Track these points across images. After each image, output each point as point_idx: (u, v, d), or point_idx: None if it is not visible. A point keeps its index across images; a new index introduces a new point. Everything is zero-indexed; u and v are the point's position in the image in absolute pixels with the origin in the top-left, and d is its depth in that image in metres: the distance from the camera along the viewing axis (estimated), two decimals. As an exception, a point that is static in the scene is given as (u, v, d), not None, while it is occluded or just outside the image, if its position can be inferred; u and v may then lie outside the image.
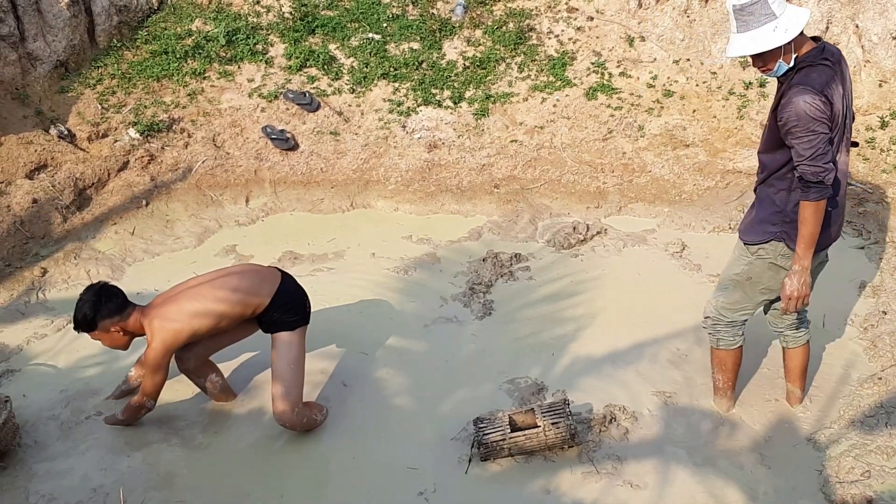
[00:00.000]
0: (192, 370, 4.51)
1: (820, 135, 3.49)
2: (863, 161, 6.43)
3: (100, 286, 4.17)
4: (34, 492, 4.08)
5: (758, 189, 3.95)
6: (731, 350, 4.25)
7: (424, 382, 4.81)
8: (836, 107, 3.54)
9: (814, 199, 3.57)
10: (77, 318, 4.13)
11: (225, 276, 4.29)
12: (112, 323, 4.12)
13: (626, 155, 6.88)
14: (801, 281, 3.72)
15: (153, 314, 4.12)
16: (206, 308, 4.12)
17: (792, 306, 3.76)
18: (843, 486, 3.90)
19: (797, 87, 3.50)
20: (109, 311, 4.11)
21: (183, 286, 4.28)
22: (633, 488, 4.01)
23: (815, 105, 3.45)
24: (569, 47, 7.81)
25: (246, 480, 4.18)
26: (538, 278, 5.70)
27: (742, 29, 3.54)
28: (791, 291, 3.73)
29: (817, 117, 3.46)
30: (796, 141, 3.52)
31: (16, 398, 4.61)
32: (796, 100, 3.47)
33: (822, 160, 3.50)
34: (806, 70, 3.54)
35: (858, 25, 7.06)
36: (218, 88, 7.49)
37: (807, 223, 3.63)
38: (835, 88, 3.53)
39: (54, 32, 7.24)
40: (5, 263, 5.78)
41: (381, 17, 8.17)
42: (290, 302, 4.31)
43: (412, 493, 4.06)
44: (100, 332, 4.15)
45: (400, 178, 6.86)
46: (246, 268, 4.47)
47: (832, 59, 3.57)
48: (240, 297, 4.18)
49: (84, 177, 6.53)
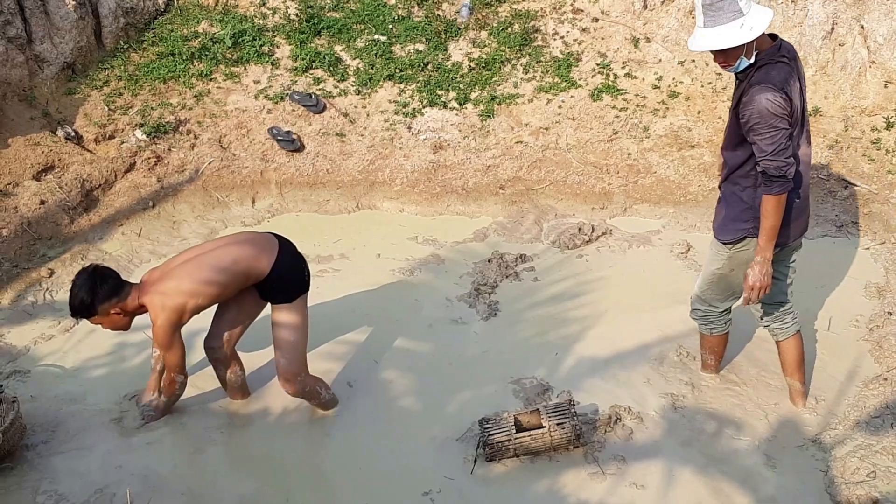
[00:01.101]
0: (222, 359, 4.46)
1: (781, 130, 3.61)
2: (868, 162, 6.42)
3: (92, 268, 4.02)
4: (42, 492, 4.09)
5: (723, 186, 4.07)
6: (723, 335, 4.49)
7: (430, 383, 4.82)
8: (795, 102, 3.66)
9: (776, 193, 3.71)
10: (74, 305, 3.98)
11: (224, 247, 4.15)
12: (111, 305, 3.99)
13: (631, 156, 6.88)
14: (762, 272, 3.85)
15: (152, 290, 4.00)
16: (207, 279, 4.01)
17: (754, 296, 3.90)
18: (848, 487, 3.89)
19: (759, 85, 3.61)
20: (107, 293, 3.97)
21: (180, 258, 4.16)
22: (639, 489, 4.02)
23: (777, 102, 3.56)
24: (574, 48, 7.82)
25: (252, 480, 4.19)
26: (543, 279, 5.70)
27: (709, 24, 3.61)
28: (753, 282, 3.86)
29: (779, 114, 3.58)
30: (758, 137, 3.64)
31: (23, 399, 4.63)
32: (758, 97, 3.58)
33: (784, 155, 3.63)
34: (766, 67, 3.65)
35: (864, 26, 7.05)
36: (224, 90, 7.51)
37: (769, 216, 3.76)
38: (793, 85, 3.65)
39: (61, 34, 7.27)
40: (13, 264, 5.80)
41: (387, 19, 8.18)
42: (289, 270, 4.22)
43: (417, 493, 4.07)
44: (99, 316, 4.03)
45: (405, 180, 6.87)
46: (244, 237, 4.33)
47: (789, 55, 3.69)
48: (241, 266, 4.08)
49: (91, 178, 6.56)
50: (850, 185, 6.29)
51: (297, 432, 4.46)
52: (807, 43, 7.17)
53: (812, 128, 6.73)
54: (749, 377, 4.67)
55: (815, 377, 4.62)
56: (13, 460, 4.27)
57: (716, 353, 4.62)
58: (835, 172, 6.41)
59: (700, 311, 4.39)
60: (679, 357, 4.86)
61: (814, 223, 5.99)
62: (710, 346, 4.58)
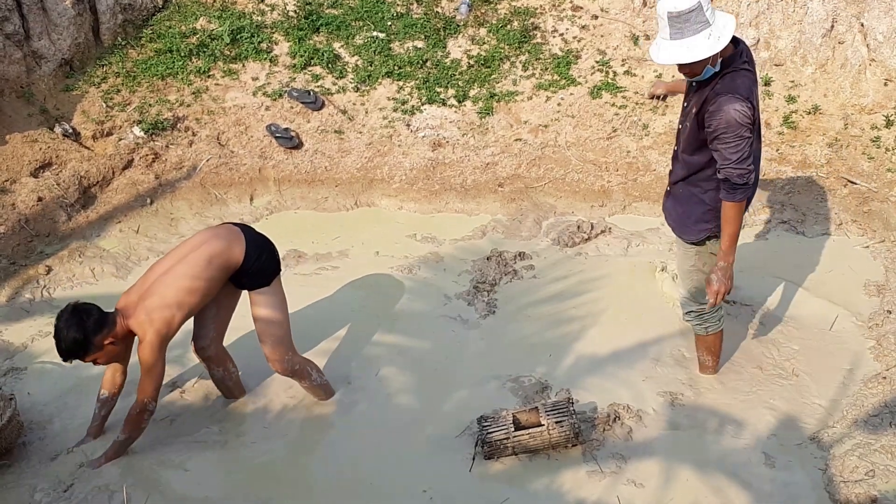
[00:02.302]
0: (213, 358, 4.46)
1: (745, 139, 3.66)
2: (868, 160, 6.41)
3: (72, 307, 3.91)
4: (39, 489, 4.08)
5: (678, 186, 4.13)
6: (718, 333, 4.49)
7: (428, 381, 4.82)
8: (757, 110, 3.74)
9: (738, 200, 3.78)
10: (68, 346, 3.86)
11: (194, 251, 4.08)
12: (103, 336, 3.91)
13: (630, 153, 6.87)
14: (726, 276, 3.93)
15: (136, 311, 3.95)
16: (188, 287, 3.98)
17: (719, 300, 3.97)
18: (847, 486, 3.89)
19: (726, 95, 3.63)
20: (96, 324, 3.88)
21: (152, 274, 4.07)
22: (637, 487, 4.01)
23: (744, 112, 3.61)
24: (573, 46, 7.80)
25: (250, 479, 4.19)
26: (542, 277, 5.69)
27: (676, 36, 3.56)
28: (717, 287, 3.94)
29: (745, 123, 3.62)
30: (723, 146, 3.68)
31: (20, 396, 4.63)
32: (727, 108, 3.60)
33: (746, 163, 3.69)
34: (731, 76, 3.68)
35: (864, 24, 7.04)
36: (222, 87, 7.49)
37: (731, 222, 3.83)
38: (755, 92, 3.72)
39: (59, 31, 7.25)
40: (10, 261, 5.79)
41: (386, 16, 8.16)
42: (261, 254, 4.21)
43: (416, 490, 4.07)
44: (94, 350, 3.92)
45: (404, 177, 6.86)
46: (208, 235, 4.23)
47: (749, 60, 3.74)
48: (217, 263, 4.05)
49: (89, 175, 6.54)
50: (850, 182, 6.29)
51: (295, 430, 4.46)
52: (806, 41, 7.15)
53: (812, 126, 6.73)
54: (747, 375, 4.67)
55: (815, 375, 4.62)
56: (10, 457, 4.28)
57: (713, 353, 4.60)
58: (834, 170, 6.40)
59: (693, 311, 4.39)
60: (678, 355, 4.85)
61: (813, 221, 5.99)
62: (706, 346, 4.57)
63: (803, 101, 6.95)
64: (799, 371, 4.67)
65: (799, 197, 6.22)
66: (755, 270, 5.44)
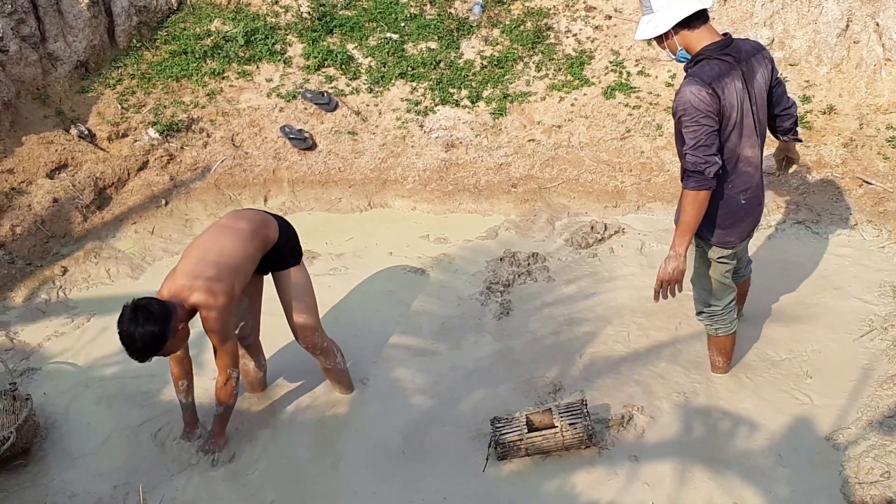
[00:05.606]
0: (253, 346, 4.57)
1: (704, 126, 3.63)
2: (883, 160, 6.38)
3: (131, 307, 3.71)
4: (55, 489, 4.12)
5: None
6: (730, 335, 4.45)
7: (442, 382, 4.82)
8: (728, 101, 3.65)
9: (692, 188, 3.75)
10: (145, 343, 3.68)
11: (232, 226, 4.10)
12: (177, 321, 3.78)
13: (644, 154, 6.85)
14: (673, 267, 3.90)
15: (191, 289, 3.83)
16: (243, 252, 3.99)
17: (665, 291, 3.96)
18: (862, 487, 3.87)
19: (687, 79, 3.68)
20: (163, 313, 3.72)
21: (195, 253, 3.98)
22: (650, 488, 4.00)
23: (700, 96, 3.59)
24: (587, 46, 7.79)
25: (265, 480, 4.20)
26: (556, 278, 5.69)
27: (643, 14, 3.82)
28: (664, 276, 3.92)
29: (702, 108, 3.60)
30: (685, 130, 3.69)
31: (36, 396, 4.66)
32: (683, 90, 3.65)
33: (704, 151, 3.65)
34: (701, 63, 3.71)
35: (879, 23, 7.00)
36: (237, 88, 7.52)
37: (684, 211, 3.83)
38: (727, 83, 3.65)
39: (74, 33, 7.30)
40: (26, 262, 5.83)
41: (399, 17, 8.18)
42: (290, 234, 4.34)
43: (429, 491, 4.07)
44: (172, 337, 3.76)
45: (417, 178, 6.86)
46: (240, 213, 4.28)
47: (735, 54, 3.71)
48: (260, 236, 4.11)
49: (104, 176, 6.58)
50: (865, 183, 6.25)
51: (309, 431, 4.47)
52: (821, 40, 7.12)
53: (827, 126, 6.69)
54: (761, 377, 4.65)
55: (829, 377, 4.60)
56: (27, 457, 4.31)
57: (724, 354, 4.59)
58: (849, 170, 6.36)
59: (704, 312, 4.38)
60: (692, 356, 4.84)
61: (828, 221, 5.96)
62: (717, 346, 4.56)
63: (818, 101, 6.92)
64: (813, 372, 4.65)
65: (814, 197, 6.19)
66: (769, 270, 5.42)
